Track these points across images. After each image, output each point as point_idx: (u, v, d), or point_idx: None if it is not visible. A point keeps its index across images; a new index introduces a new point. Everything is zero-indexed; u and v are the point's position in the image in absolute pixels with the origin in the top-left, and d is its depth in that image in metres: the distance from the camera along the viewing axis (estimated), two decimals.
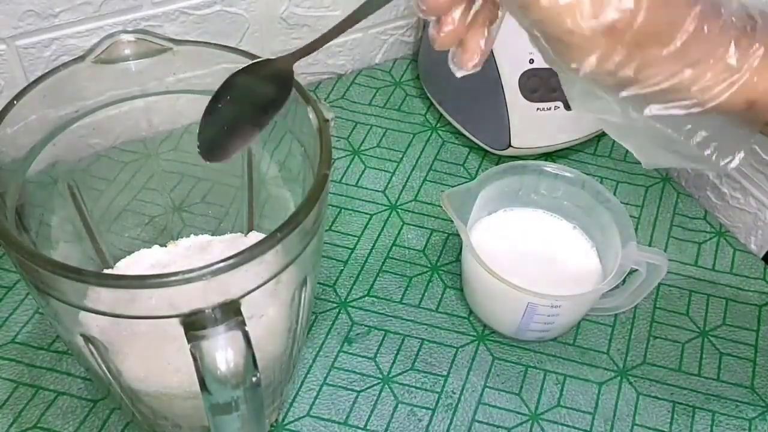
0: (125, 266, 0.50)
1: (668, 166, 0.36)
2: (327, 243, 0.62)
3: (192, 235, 0.52)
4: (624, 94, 0.32)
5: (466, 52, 0.34)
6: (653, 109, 0.32)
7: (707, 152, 0.34)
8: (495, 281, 0.51)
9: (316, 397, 0.52)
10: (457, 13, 0.33)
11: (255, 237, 0.50)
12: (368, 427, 0.51)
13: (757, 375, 0.56)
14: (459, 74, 0.35)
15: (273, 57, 0.37)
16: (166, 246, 0.52)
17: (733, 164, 0.34)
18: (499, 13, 0.34)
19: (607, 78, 0.32)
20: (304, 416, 0.52)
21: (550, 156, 0.70)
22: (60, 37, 0.59)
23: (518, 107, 0.65)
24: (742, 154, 0.34)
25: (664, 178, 0.69)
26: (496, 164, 0.58)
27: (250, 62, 0.37)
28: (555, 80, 0.64)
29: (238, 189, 0.51)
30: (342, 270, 0.60)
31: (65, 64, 0.41)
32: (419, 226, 0.64)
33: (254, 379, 0.34)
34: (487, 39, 0.35)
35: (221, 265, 0.33)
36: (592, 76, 0.32)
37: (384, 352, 0.55)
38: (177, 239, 0.52)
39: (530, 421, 0.52)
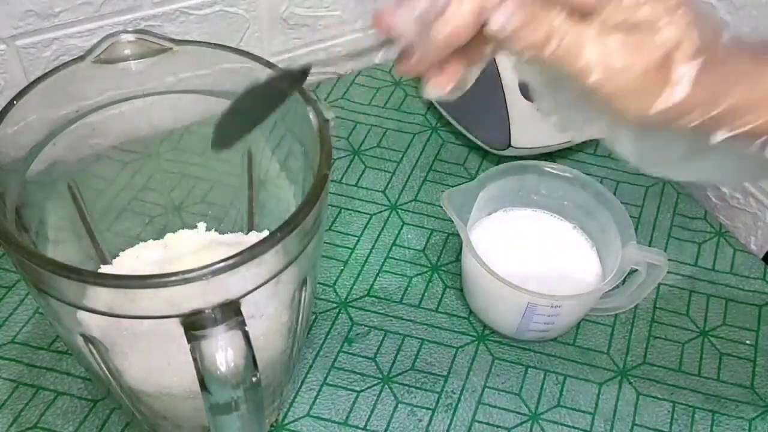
0: (123, 263, 0.50)
1: (761, 179, 0.36)
2: (327, 243, 0.62)
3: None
4: (693, 123, 0.32)
5: (443, 74, 0.34)
6: (718, 136, 0.33)
7: None
8: (495, 281, 0.51)
9: (316, 397, 0.52)
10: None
11: (255, 237, 0.50)
12: (368, 427, 0.51)
13: (757, 375, 0.56)
14: (431, 95, 0.35)
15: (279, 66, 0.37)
16: (164, 240, 0.51)
17: None
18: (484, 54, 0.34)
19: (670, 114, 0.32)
20: (304, 416, 0.52)
21: (550, 156, 0.70)
22: (60, 37, 0.59)
23: (518, 107, 0.65)
24: None
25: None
26: (496, 164, 0.58)
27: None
28: None
29: (238, 189, 0.51)
30: (342, 270, 0.60)
31: (65, 64, 0.41)
32: (419, 226, 0.64)
33: (254, 379, 0.34)
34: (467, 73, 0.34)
35: (221, 265, 0.33)
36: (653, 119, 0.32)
37: (384, 352, 0.55)
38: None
39: (530, 422, 0.52)
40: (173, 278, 0.32)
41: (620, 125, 0.34)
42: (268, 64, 0.42)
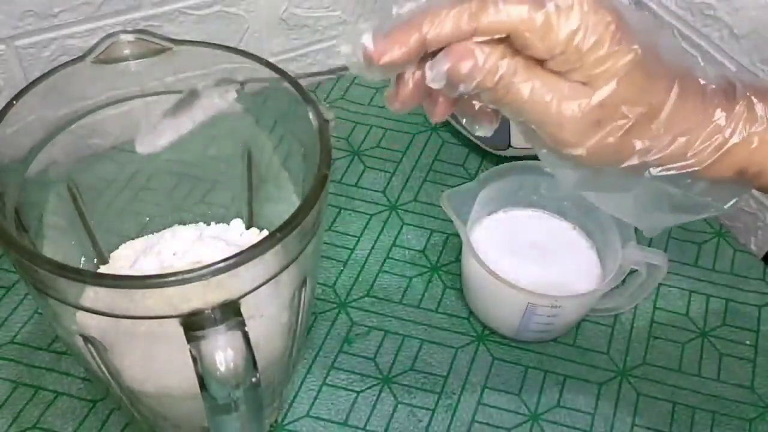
0: (120, 258, 0.50)
1: (669, 225, 0.38)
2: (327, 243, 0.61)
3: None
4: (625, 165, 0.34)
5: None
6: (653, 172, 0.34)
7: (708, 199, 0.36)
8: (495, 281, 0.51)
9: (315, 398, 0.52)
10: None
11: (252, 235, 0.50)
12: (368, 428, 0.51)
13: (757, 375, 0.56)
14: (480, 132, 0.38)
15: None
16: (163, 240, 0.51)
17: (735, 205, 0.36)
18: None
19: (606, 157, 0.33)
20: (303, 417, 0.52)
21: None
22: (59, 37, 0.59)
23: None
24: (740, 197, 0.36)
25: None
26: (496, 164, 0.58)
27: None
28: None
29: (238, 189, 0.51)
30: (342, 270, 0.60)
31: (64, 64, 0.41)
32: (419, 227, 0.64)
33: (254, 379, 0.34)
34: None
35: (221, 265, 0.33)
36: (590, 159, 0.33)
37: (384, 352, 0.55)
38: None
39: (530, 422, 0.52)
40: (173, 278, 0.32)
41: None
42: (268, 64, 0.42)
